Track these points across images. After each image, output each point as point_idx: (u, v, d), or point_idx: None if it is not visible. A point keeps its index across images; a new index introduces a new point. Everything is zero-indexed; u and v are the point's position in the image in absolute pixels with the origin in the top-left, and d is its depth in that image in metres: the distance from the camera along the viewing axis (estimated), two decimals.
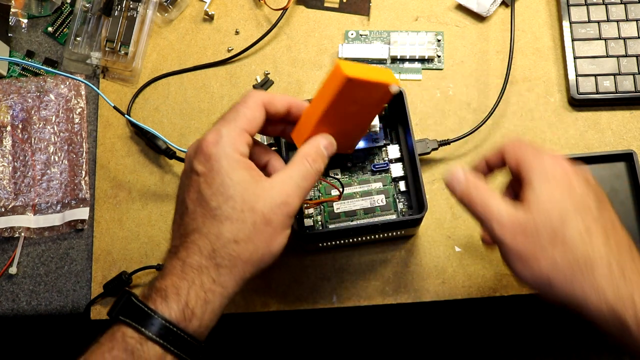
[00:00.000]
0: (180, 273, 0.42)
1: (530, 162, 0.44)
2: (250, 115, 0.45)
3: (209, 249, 0.42)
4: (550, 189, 0.42)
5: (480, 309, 1.13)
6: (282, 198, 0.43)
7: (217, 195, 0.42)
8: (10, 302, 0.64)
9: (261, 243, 0.43)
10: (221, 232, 0.42)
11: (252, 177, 0.43)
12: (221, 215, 0.42)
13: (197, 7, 0.73)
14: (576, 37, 0.67)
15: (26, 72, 0.72)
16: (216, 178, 0.42)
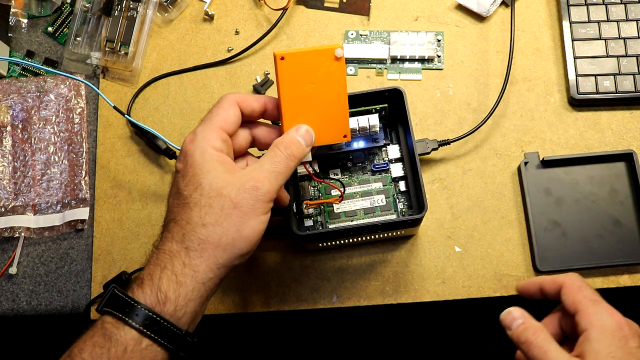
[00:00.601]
0: (154, 260, 0.44)
1: (589, 314, 0.46)
2: (223, 114, 0.47)
3: (179, 234, 0.44)
4: (607, 345, 0.44)
5: (480, 309, 1.13)
6: (251, 183, 0.44)
7: (189, 185, 0.45)
8: (10, 302, 0.64)
9: (230, 227, 0.44)
10: (190, 217, 0.44)
11: (225, 168, 0.45)
12: (191, 202, 0.44)
13: (197, 7, 0.73)
14: (576, 37, 0.67)
15: (26, 72, 0.72)
16: (189, 170, 0.45)
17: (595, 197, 0.63)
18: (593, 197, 0.63)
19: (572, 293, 0.48)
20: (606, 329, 0.45)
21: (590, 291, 0.48)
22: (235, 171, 0.46)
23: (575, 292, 0.48)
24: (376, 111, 0.58)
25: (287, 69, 0.48)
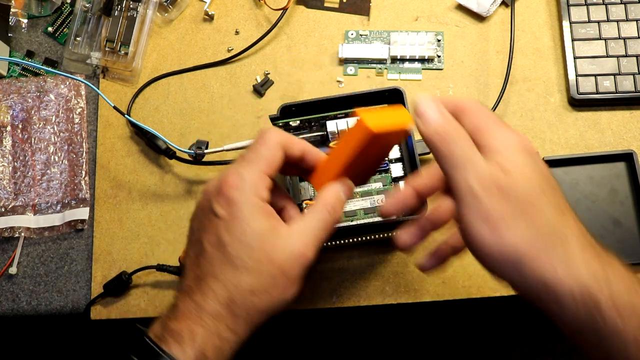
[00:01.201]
0: (196, 317, 0.41)
1: (495, 132, 0.40)
2: (270, 157, 0.44)
3: (225, 297, 0.42)
4: (525, 160, 0.38)
5: (480, 309, 1.13)
6: (300, 250, 0.43)
7: (237, 243, 0.42)
8: (10, 302, 0.64)
9: (277, 294, 0.43)
10: (239, 282, 0.42)
11: (272, 225, 0.43)
12: (240, 264, 0.42)
13: (197, 7, 0.73)
14: (576, 37, 0.67)
15: (26, 72, 0.72)
16: (237, 225, 0.42)
17: (595, 197, 0.63)
18: (593, 197, 0.63)
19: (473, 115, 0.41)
20: (518, 147, 0.39)
21: (492, 113, 0.42)
22: (281, 228, 0.43)
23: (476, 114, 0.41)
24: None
25: (372, 143, 0.43)
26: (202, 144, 0.63)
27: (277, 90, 0.69)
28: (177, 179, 0.67)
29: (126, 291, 0.63)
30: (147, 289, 0.63)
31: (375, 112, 0.44)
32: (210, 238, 0.43)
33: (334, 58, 0.70)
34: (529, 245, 0.37)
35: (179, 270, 0.61)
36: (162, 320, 0.43)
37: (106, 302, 0.63)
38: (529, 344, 1.15)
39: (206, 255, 0.43)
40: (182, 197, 0.66)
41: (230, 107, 0.69)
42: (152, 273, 0.64)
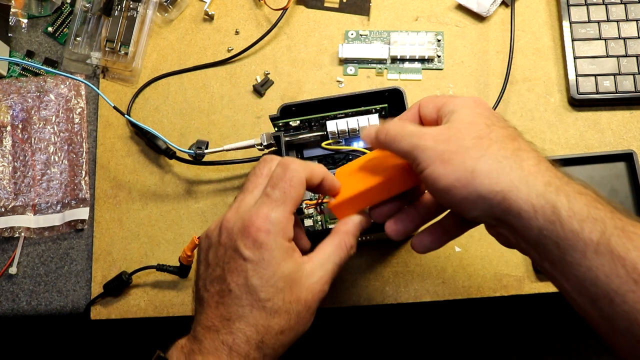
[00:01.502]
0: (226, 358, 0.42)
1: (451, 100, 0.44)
2: (297, 197, 0.44)
3: (257, 339, 0.42)
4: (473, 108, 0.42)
5: (480, 309, 1.13)
6: (320, 285, 0.44)
7: (267, 287, 0.42)
8: (10, 302, 0.64)
9: (301, 328, 0.44)
10: (271, 325, 0.42)
11: (298, 264, 0.44)
12: (271, 307, 0.42)
13: (197, 7, 0.73)
14: (576, 37, 0.67)
15: (26, 72, 0.72)
16: (267, 269, 0.42)
17: None
18: None
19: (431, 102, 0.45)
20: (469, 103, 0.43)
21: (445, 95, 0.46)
22: (304, 267, 0.44)
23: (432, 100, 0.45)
24: (376, 111, 0.58)
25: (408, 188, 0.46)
26: (202, 144, 0.63)
27: (277, 90, 0.69)
28: (177, 179, 0.67)
29: (126, 291, 0.63)
30: (147, 289, 0.64)
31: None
32: (238, 280, 0.42)
33: (334, 58, 0.70)
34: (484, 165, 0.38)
35: (179, 270, 0.61)
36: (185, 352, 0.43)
37: (106, 302, 0.63)
38: (529, 344, 1.15)
39: (232, 296, 0.42)
40: (182, 197, 0.66)
41: (230, 107, 0.69)
42: (152, 273, 0.64)
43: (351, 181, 0.48)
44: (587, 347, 1.13)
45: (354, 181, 0.48)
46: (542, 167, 0.39)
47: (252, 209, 0.43)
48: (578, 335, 1.14)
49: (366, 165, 0.48)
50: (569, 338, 1.14)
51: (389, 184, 0.46)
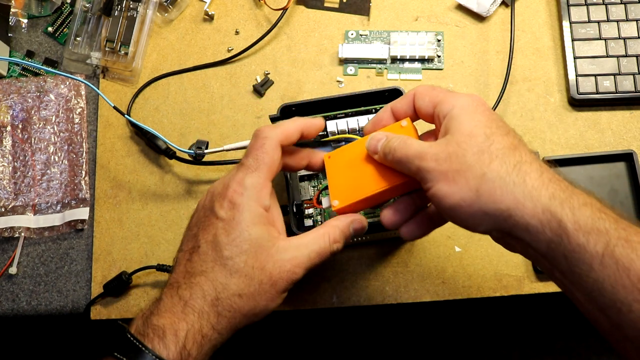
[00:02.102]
0: (180, 314, 0.42)
1: (449, 99, 0.43)
2: (270, 162, 0.45)
3: (212, 295, 0.43)
4: (472, 114, 0.41)
5: (480, 309, 1.13)
6: (291, 265, 0.44)
7: (233, 246, 0.43)
8: (10, 302, 0.64)
9: (262, 301, 0.44)
10: (228, 283, 0.43)
11: (270, 235, 0.44)
12: (232, 266, 0.43)
13: (197, 7, 0.73)
14: (576, 37, 0.67)
15: (26, 72, 0.72)
16: (235, 228, 0.43)
17: None
18: None
19: (426, 94, 0.45)
20: (467, 105, 0.42)
21: (443, 88, 0.45)
22: (278, 240, 0.45)
23: (429, 92, 0.45)
24: (376, 111, 0.58)
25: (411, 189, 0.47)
26: (202, 144, 0.63)
27: (277, 90, 0.69)
28: (177, 179, 0.67)
29: (126, 291, 0.63)
30: (147, 289, 0.64)
31: None
32: (207, 237, 0.44)
33: (334, 58, 0.70)
34: (487, 183, 0.39)
35: None
36: (144, 315, 0.44)
37: (106, 302, 0.63)
38: (529, 343, 1.15)
39: (200, 252, 0.44)
40: (182, 197, 0.66)
41: (230, 107, 0.69)
42: (152, 273, 0.64)
43: (353, 177, 0.48)
44: (587, 347, 1.13)
45: (356, 178, 0.48)
46: (545, 179, 0.39)
47: (231, 174, 0.46)
48: (578, 335, 1.14)
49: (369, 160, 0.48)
50: (569, 338, 1.14)
51: (398, 188, 0.46)
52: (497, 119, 0.42)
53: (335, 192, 0.49)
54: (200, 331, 0.42)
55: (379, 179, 0.47)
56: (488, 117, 0.42)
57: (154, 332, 0.42)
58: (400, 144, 0.43)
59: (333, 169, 0.50)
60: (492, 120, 0.42)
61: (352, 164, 0.49)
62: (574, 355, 1.13)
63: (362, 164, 0.48)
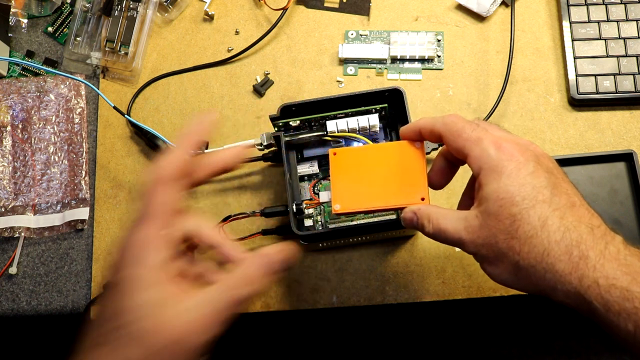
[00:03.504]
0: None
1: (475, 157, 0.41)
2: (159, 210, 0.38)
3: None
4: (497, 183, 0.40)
5: (480, 309, 1.13)
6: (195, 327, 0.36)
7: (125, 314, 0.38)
8: (10, 302, 0.64)
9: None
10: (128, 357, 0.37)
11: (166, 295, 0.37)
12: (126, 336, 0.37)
13: (197, 7, 0.73)
14: (576, 37, 0.67)
15: (26, 72, 0.72)
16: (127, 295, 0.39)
17: (595, 197, 0.63)
18: (593, 197, 0.63)
19: (453, 141, 0.43)
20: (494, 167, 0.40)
21: (470, 129, 0.42)
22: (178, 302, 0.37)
23: (456, 138, 0.42)
24: (376, 111, 0.58)
25: None
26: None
27: (277, 90, 0.69)
28: None
29: None
30: None
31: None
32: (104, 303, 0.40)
33: (334, 58, 0.70)
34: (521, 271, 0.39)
35: None
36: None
37: None
38: (529, 343, 1.15)
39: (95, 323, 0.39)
40: None
41: (230, 107, 0.69)
42: None
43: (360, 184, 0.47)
44: (587, 347, 1.13)
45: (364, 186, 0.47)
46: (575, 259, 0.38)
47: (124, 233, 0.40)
48: (578, 335, 1.14)
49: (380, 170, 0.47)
50: (568, 337, 1.14)
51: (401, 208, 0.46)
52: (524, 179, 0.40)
53: (338, 195, 0.47)
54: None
55: (389, 194, 0.46)
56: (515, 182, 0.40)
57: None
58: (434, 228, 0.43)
59: (338, 168, 0.48)
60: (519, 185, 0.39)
61: (360, 169, 0.47)
62: (574, 355, 1.13)
63: (371, 173, 0.47)
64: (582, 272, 0.38)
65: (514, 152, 0.40)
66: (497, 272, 0.41)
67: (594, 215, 0.40)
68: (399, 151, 0.47)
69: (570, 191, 0.40)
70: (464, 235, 0.41)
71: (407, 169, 0.46)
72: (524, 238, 0.39)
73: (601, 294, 0.37)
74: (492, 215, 0.40)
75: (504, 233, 0.39)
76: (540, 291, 0.40)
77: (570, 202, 0.40)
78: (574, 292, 0.38)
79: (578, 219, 0.39)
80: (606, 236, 0.39)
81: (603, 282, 0.37)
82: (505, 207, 0.39)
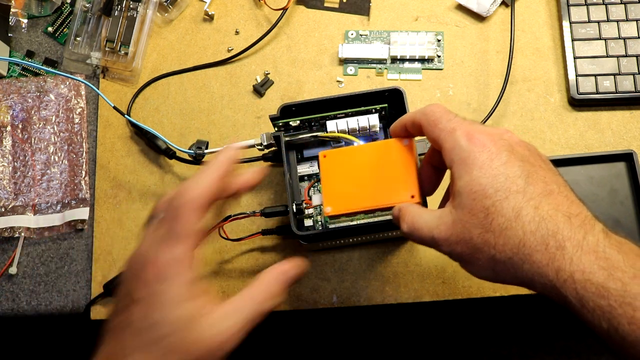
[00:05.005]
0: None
1: (448, 149, 0.40)
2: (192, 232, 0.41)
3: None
4: (469, 175, 0.39)
5: (480, 309, 1.13)
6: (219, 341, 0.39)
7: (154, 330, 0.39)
8: (10, 302, 0.64)
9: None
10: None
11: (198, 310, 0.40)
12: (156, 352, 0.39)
13: (197, 7, 0.73)
14: (576, 37, 0.67)
15: (26, 72, 0.72)
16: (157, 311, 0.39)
17: (595, 197, 0.63)
18: (593, 197, 0.63)
19: (431, 131, 0.42)
20: (465, 159, 0.39)
21: (447, 119, 0.41)
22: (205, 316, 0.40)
23: (433, 128, 0.41)
24: (376, 111, 0.58)
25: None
26: (202, 144, 0.63)
27: (277, 90, 0.69)
28: (177, 179, 0.67)
29: None
30: None
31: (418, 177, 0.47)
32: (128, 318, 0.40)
33: (334, 58, 0.70)
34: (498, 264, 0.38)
35: None
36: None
37: (106, 302, 0.63)
38: (529, 343, 1.15)
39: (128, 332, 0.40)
40: None
41: (230, 107, 0.69)
42: None
43: (350, 185, 0.47)
44: (587, 347, 1.13)
45: (354, 187, 0.47)
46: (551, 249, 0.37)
47: (148, 247, 0.41)
48: (578, 335, 1.14)
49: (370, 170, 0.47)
50: (568, 337, 1.14)
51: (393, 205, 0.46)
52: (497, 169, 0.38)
53: (329, 197, 0.47)
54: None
55: (379, 194, 0.46)
56: (489, 176, 0.38)
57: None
58: (408, 223, 0.43)
59: (328, 170, 0.48)
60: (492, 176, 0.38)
61: (350, 170, 0.48)
62: (574, 355, 1.13)
63: (361, 173, 0.47)
64: (558, 263, 0.36)
65: (486, 142, 0.39)
66: (474, 270, 0.40)
67: (574, 203, 0.38)
68: (388, 149, 0.47)
69: (549, 179, 0.39)
70: (436, 233, 0.41)
71: (396, 167, 0.46)
72: (498, 230, 0.38)
73: (577, 289, 0.36)
74: (466, 209, 0.39)
75: (478, 227, 0.38)
76: (520, 283, 0.39)
77: (547, 190, 0.38)
78: (550, 286, 0.37)
79: (555, 208, 0.37)
80: (585, 225, 0.37)
81: (579, 276, 0.36)
82: (478, 200, 0.38)
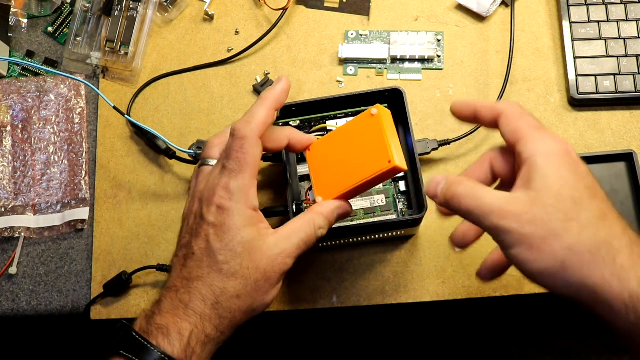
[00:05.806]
0: (182, 315, 0.44)
1: (534, 140, 0.40)
2: (252, 162, 0.46)
3: (212, 300, 0.44)
4: (559, 169, 0.38)
5: (480, 309, 1.13)
6: (282, 258, 0.46)
7: (226, 251, 0.44)
8: (10, 302, 0.64)
9: (259, 297, 0.46)
10: (226, 287, 0.44)
11: (260, 233, 0.45)
12: (228, 270, 0.44)
13: (197, 7, 0.73)
14: (576, 37, 0.67)
15: (26, 72, 0.72)
16: (227, 233, 0.45)
17: None
18: None
19: (513, 120, 0.41)
20: (554, 154, 0.39)
21: (533, 118, 0.42)
22: (267, 235, 0.46)
23: (517, 119, 0.41)
24: None
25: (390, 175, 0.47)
26: (202, 144, 0.63)
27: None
28: (177, 179, 0.67)
29: (126, 291, 0.63)
30: (147, 289, 0.64)
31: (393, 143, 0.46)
32: (200, 243, 0.45)
33: (334, 58, 0.70)
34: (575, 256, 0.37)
35: None
36: (147, 316, 0.45)
37: (106, 302, 0.63)
38: (529, 343, 1.15)
39: (194, 259, 0.45)
40: (182, 197, 0.66)
41: (230, 107, 0.69)
42: (152, 273, 0.64)
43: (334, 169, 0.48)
44: (587, 347, 1.13)
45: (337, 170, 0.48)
46: (635, 256, 0.36)
47: (215, 179, 0.46)
48: (578, 335, 1.14)
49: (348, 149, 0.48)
50: (568, 337, 1.14)
51: (382, 176, 0.46)
52: (584, 176, 0.39)
53: (318, 187, 0.49)
54: (204, 331, 0.44)
55: (360, 168, 0.47)
56: (575, 174, 0.39)
57: (158, 330, 0.43)
58: (467, 193, 0.40)
59: (314, 163, 0.50)
60: (580, 178, 0.39)
61: (332, 156, 0.49)
62: (574, 355, 1.13)
63: (342, 156, 0.48)
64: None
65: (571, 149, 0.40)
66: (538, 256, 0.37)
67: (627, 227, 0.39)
68: (359, 125, 0.48)
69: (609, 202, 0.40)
70: (505, 205, 0.38)
71: (368, 139, 0.47)
72: (586, 223, 0.37)
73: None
74: (551, 193, 0.37)
75: (562, 213, 0.37)
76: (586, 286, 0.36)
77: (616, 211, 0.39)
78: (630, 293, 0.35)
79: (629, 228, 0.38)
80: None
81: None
82: (566, 188, 0.38)
